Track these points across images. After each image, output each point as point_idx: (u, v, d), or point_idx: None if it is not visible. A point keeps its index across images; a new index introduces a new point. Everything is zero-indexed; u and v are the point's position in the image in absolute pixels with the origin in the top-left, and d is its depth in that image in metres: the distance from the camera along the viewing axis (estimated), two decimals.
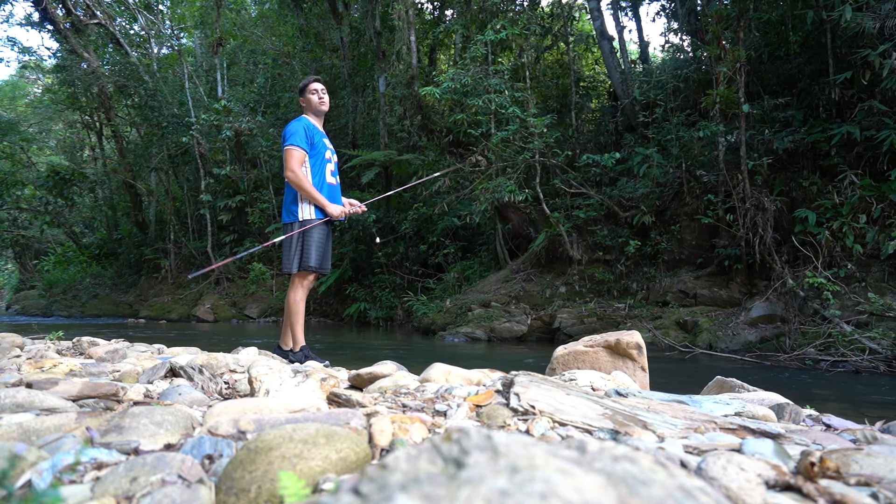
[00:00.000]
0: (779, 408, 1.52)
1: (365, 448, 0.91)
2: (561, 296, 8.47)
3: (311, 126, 3.26)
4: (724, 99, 6.93)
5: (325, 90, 3.37)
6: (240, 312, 13.36)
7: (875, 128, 6.26)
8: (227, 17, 17.70)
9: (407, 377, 1.78)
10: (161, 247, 16.53)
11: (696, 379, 4.16)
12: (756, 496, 0.74)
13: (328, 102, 3.39)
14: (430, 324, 8.96)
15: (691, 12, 10.02)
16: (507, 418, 1.21)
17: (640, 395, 1.52)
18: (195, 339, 7.57)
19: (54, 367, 1.95)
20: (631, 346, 2.12)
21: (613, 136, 10.79)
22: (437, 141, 10.70)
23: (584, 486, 0.46)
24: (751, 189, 6.84)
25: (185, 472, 0.84)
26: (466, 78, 8.83)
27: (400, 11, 11.05)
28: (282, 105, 16.70)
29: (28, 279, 21.94)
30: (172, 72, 16.87)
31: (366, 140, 14.96)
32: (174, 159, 16.40)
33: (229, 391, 1.74)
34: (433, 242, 11.30)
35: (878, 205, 6.14)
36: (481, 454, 0.51)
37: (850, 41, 6.63)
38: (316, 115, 3.35)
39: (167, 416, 1.09)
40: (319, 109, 3.33)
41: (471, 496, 0.43)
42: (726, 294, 7.15)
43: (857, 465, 0.85)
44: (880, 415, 2.22)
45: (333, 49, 15.73)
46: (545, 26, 11.63)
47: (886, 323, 5.33)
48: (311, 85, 3.32)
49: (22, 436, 1.02)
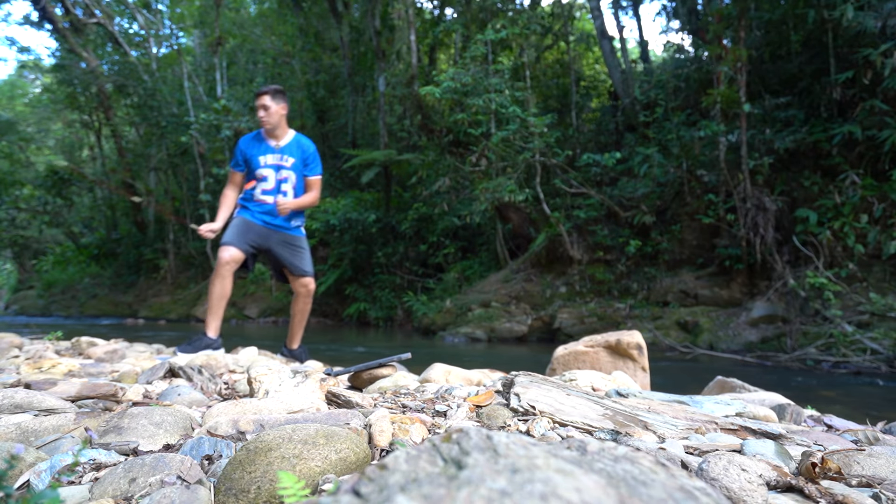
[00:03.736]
0: (780, 408, 1.51)
1: (364, 448, 0.91)
2: (561, 296, 8.47)
3: (243, 144, 3.25)
4: (724, 98, 6.92)
5: (267, 106, 3.14)
6: (239, 312, 13.35)
7: (876, 127, 6.26)
8: (226, 16, 17.69)
9: (407, 377, 1.78)
10: (160, 247, 16.53)
11: (697, 379, 4.15)
12: (757, 497, 0.74)
13: (269, 118, 3.15)
14: (430, 324, 8.96)
15: (692, 11, 10.02)
16: (507, 419, 1.20)
17: (640, 395, 1.52)
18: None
19: (53, 368, 1.94)
20: (631, 346, 2.12)
21: (614, 135, 10.79)
22: (437, 141, 10.69)
23: (585, 486, 0.45)
24: (752, 189, 6.83)
25: (185, 472, 0.84)
26: (466, 77, 8.83)
27: (400, 11, 11.04)
28: None
29: (27, 279, 21.94)
30: (171, 71, 16.86)
31: (366, 140, 14.96)
32: (173, 159, 16.39)
33: (228, 392, 1.74)
34: (433, 242, 11.29)
35: (879, 204, 6.14)
36: (481, 454, 0.50)
37: (851, 40, 6.62)
38: (264, 130, 3.23)
39: (166, 417, 1.09)
40: (260, 126, 3.23)
41: (471, 496, 0.43)
42: (727, 294, 7.14)
43: (859, 466, 0.85)
44: (882, 415, 2.21)
45: (333, 48, 15.72)
46: (545, 26, 11.63)
47: (888, 323, 5.33)
48: (256, 101, 3.19)
49: (20, 436, 1.02)
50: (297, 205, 3.22)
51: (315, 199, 3.35)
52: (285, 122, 3.28)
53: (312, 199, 3.33)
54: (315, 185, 3.32)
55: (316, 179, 3.32)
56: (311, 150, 3.32)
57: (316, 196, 3.35)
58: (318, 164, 3.35)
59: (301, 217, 3.35)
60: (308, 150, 3.31)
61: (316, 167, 3.33)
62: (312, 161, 3.31)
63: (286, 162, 3.22)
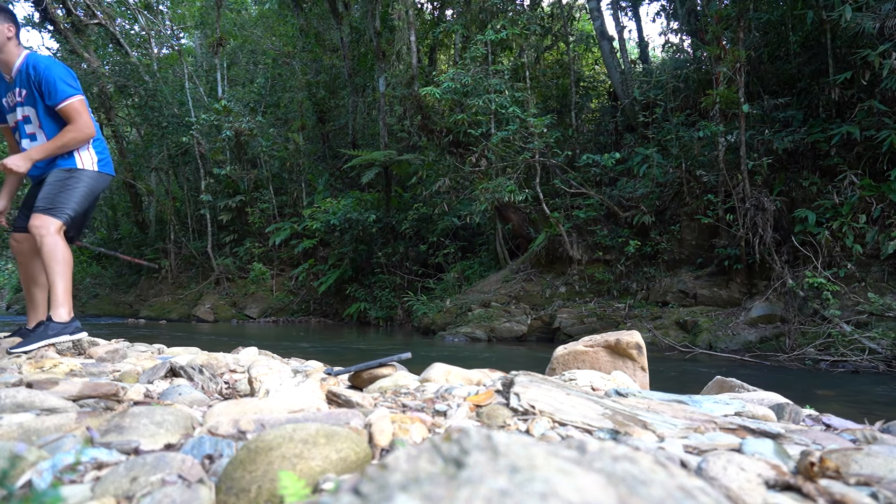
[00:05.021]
0: (779, 408, 1.52)
1: (365, 448, 0.91)
2: (561, 296, 8.47)
3: None
4: (723, 99, 6.93)
5: None
6: (240, 312, 13.35)
7: (875, 128, 6.27)
8: (227, 17, 17.70)
9: (407, 377, 1.78)
10: (161, 247, 16.53)
11: (696, 379, 4.16)
12: (756, 496, 0.75)
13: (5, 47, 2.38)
14: (430, 324, 8.96)
15: (691, 12, 10.03)
16: (507, 418, 1.21)
17: (639, 395, 1.52)
18: (195, 339, 7.57)
19: (54, 367, 1.95)
20: (631, 346, 2.12)
21: (613, 136, 10.79)
22: (437, 141, 10.70)
23: (584, 485, 0.46)
24: (751, 189, 6.84)
25: (186, 472, 0.84)
26: (466, 78, 8.84)
27: (400, 11, 11.05)
28: (282, 105, 16.70)
29: None
30: (172, 72, 16.87)
31: (366, 140, 14.97)
32: (174, 159, 16.40)
33: (229, 391, 1.74)
34: (433, 242, 11.30)
35: (877, 205, 6.15)
36: (481, 454, 0.51)
37: (849, 41, 6.63)
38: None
39: (167, 416, 1.09)
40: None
41: (471, 496, 0.43)
42: (726, 294, 7.15)
43: (857, 465, 0.85)
44: (880, 414, 2.22)
45: (333, 49, 15.73)
46: (545, 26, 11.64)
47: (886, 323, 5.33)
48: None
49: (22, 436, 1.02)
50: (42, 154, 2.39)
51: (75, 133, 2.42)
52: (15, 47, 2.45)
53: (71, 136, 2.42)
54: (70, 114, 2.43)
55: (66, 106, 2.42)
56: (42, 71, 2.40)
57: (77, 128, 2.43)
58: (60, 86, 2.41)
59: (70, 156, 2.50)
60: (39, 71, 2.40)
61: (57, 91, 2.40)
62: (48, 85, 2.40)
63: (20, 96, 2.46)
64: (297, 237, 13.52)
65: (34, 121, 2.47)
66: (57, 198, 2.40)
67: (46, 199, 2.39)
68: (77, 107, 2.44)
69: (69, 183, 2.44)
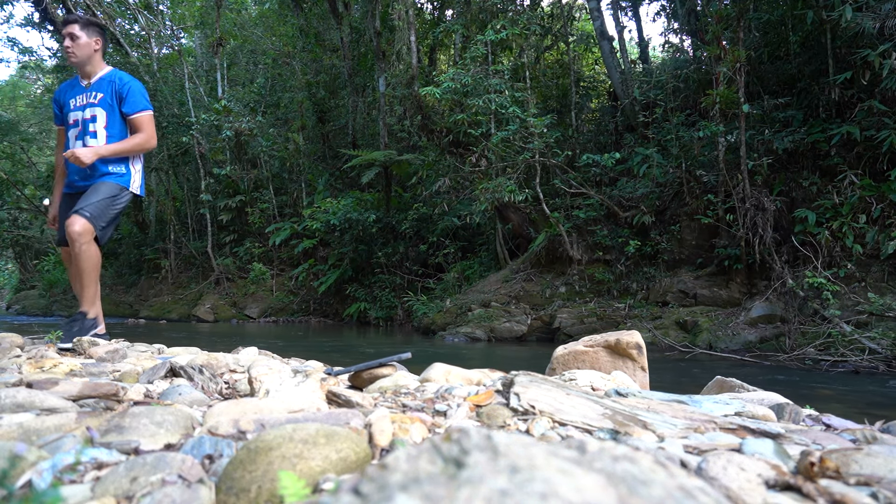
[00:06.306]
0: (779, 408, 1.52)
1: (365, 448, 0.91)
2: (561, 296, 8.47)
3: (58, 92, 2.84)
4: (723, 99, 6.93)
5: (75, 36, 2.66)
6: (240, 312, 13.36)
7: (875, 128, 6.27)
8: (227, 17, 17.70)
9: (407, 377, 1.78)
10: (161, 247, 16.54)
11: (696, 379, 4.16)
12: (756, 496, 0.75)
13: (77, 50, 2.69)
14: (430, 324, 8.96)
15: (691, 12, 10.02)
16: (507, 418, 1.21)
17: (639, 395, 1.52)
18: (195, 339, 7.57)
19: (55, 367, 1.95)
20: (631, 346, 2.12)
21: (613, 136, 10.79)
22: (437, 141, 10.70)
23: (584, 486, 0.46)
24: (751, 189, 6.84)
25: (186, 471, 0.84)
26: (466, 78, 8.84)
27: (400, 11, 11.05)
28: (282, 105, 16.70)
29: (28, 279, 21.94)
30: (172, 72, 16.88)
31: (366, 140, 14.97)
32: (174, 159, 16.40)
33: (229, 391, 1.74)
34: (433, 242, 11.30)
35: (877, 205, 6.15)
36: (481, 454, 0.51)
37: (849, 41, 6.63)
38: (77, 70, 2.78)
39: (167, 416, 1.09)
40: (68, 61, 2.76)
41: (471, 496, 0.43)
42: (726, 294, 7.15)
43: (857, 465, 0.85)
44: (880, 414, 2.22)
45: (333, 49, 15.74)
46: (545, 26, 11.64)
47: (886, 323, 5.33)
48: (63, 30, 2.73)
49: (22, 436, 1.02)
50: (111, 151, 2.63)
51: (143, 141, 2.74)
52: (100, 59, 2.80)
53: (137, 142, 2.72)
54: (141, 125, 2.74)
55: (139, 117, 2.73)
56: (127, 83, 2.75)
57: (145, 138, 2.74)
58: (138, 98, 2.75)
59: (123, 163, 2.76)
60: (124, 82, 2.75)
61: (136, 102, 2.73)
62: (130, 95, 2.72)
63: (94, 98, 2.73)
64: (297, 237, 13.52)
65: (100, 121, 2.74)
66: (102, 210, 2.65)
67: (93, 207, 2.61)
68: (148, 119, 2.79)
69: (116, 202, 2.72)
